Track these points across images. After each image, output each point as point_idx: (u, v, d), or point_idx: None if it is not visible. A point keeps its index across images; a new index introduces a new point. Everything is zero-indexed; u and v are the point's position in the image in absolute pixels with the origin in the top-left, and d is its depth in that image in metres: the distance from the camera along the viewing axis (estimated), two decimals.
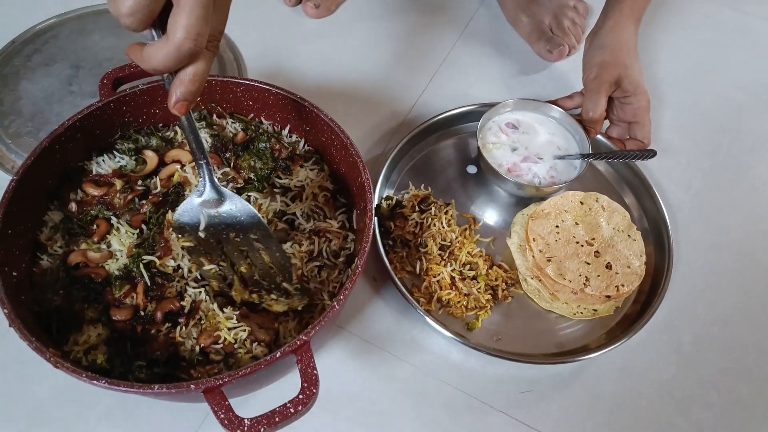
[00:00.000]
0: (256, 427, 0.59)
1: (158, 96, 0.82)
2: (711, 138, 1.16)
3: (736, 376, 0.89)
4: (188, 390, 0.59)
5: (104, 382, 0.59)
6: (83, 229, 0.76)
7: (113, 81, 0.81)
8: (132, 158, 0.81)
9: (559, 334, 0.88)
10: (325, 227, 0.80)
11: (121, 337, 0.70)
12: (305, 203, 0.82)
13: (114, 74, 0.81)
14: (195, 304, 0.72)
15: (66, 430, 0.77)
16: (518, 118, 1.05)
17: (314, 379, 0.62)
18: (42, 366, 0.79)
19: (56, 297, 0.71)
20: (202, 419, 0.78)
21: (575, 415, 0.83)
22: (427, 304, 0.87)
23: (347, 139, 0.79)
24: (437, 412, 0.82)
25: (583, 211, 0.94)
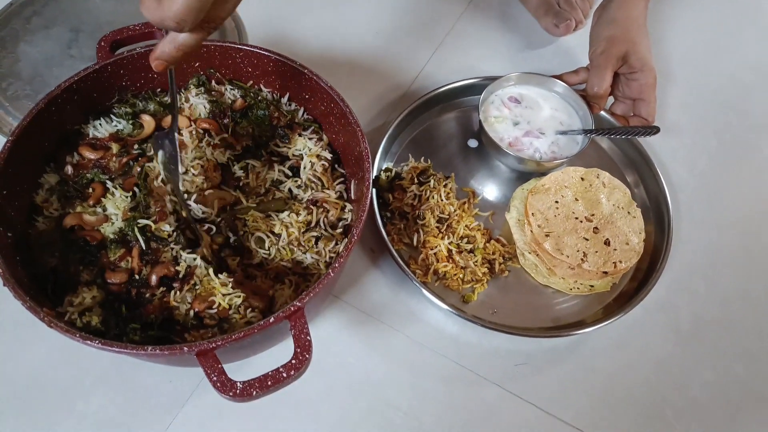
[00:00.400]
0: (249, 390, 0.59)
1: None
2: (718, 118, 1.14)
3: (733, 355, 0.89)
4: (181, 352, 0.59)
5: (98, 343, 0.59)
6: (79, 192, 0.76)
7: (111, 44, 0.80)
8: (129, 122, 0.80)
9: (555, 308, 0.88)
10: (323, 197, 0.80)
11: (116, 300, 0.70)
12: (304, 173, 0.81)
13: (112, 37, 0.80)
14: (190, 270, 0.72)
15: (61, 392, 0.77)
16: (521, 92, 1.04)
17: (307, 345, 0.62)
18: (38, 328, 0.79)
19: (52, 259, 0.71)
20: (197, 383, 0.79)
21: (570, 389, 0.83)
22: (424, 276, 0.86)
23: (346, 108, 0.78)
24: (432, 383, 0.82)
25: (584, 187, 0.93)
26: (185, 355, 0.60)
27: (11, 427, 0.75)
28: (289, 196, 0.81)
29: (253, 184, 0.81)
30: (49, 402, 0.76)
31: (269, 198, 0.80)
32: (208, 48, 0.82)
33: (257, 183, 0.81)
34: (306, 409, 0.79)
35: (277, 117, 0.84)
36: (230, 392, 0.59)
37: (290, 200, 0.80)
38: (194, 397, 0.78)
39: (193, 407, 0.77)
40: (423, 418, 0.79)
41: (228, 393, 0.59)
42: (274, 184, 0.82)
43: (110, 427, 0.75)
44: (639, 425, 0.82)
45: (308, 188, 0.81)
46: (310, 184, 0.81)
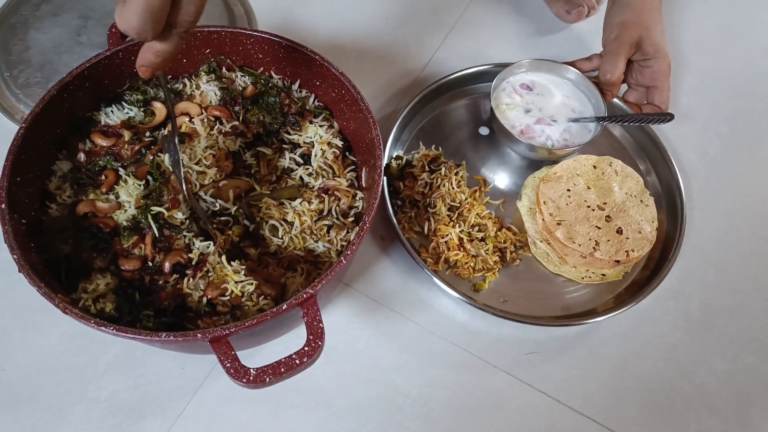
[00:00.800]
0: (262, 377, 0.60)
1: None
2: (731, 103, 1.13)
3: (742, 343, 0.88)
4: (195, 339, 0.60)
5: (112, 329, 0.59)
6: (91, 179, 0.76)
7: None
8: (140, 109, 0.80)
9: (565, 297, 0.88)
10: (334, 185, 0.80)
11: (129, 287, 0.70)
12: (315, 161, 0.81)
13: None
14: (203, 257, 0.72)
15: (74, 377, 0.78)
16: (533, 79, 1.03)
17: (320, 332, 0.62)
18: (51, 314, 0.80)
19: (65, 245, 0.72)
20: (209, 370, 0.79)
21: (578, 377, 0.83)
22: (435, 265, 0.86)
23: (358, 95, 0.77)
24: (441, 370, 0.82)
25: (596, 175, 0.92)
26: (198, 341, 0.60)
27: (24, 411, 0.76)
28: (301, 184, 0.81)
29: (264, 172, 0.81)
30: (62, 387, 0.77)
31: (281, 185, 0.80)
32: (218, 34, 0.82)
33: (268, 171, 0.81)
34: (316, 395, 0.79)
35: (288, 104, 0.84)
36: (243, 379, 0.59)
37: (302, 188, 0.80)
38: (206, 383, 0.79)
39: (205, 393, 0.78)
40: (432, 405, 0.80)
41: (241, 380, 0.59)
42: (285, 172, 0.82)
43: (122, 412, 0.76)
44: (648, 413, 0.82)
45: (319, 176, 0.81)
46: (321, 172, 0.81)
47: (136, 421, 0.76)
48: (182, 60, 0.83)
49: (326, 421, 0.78)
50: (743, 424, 0.83)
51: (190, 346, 0.69)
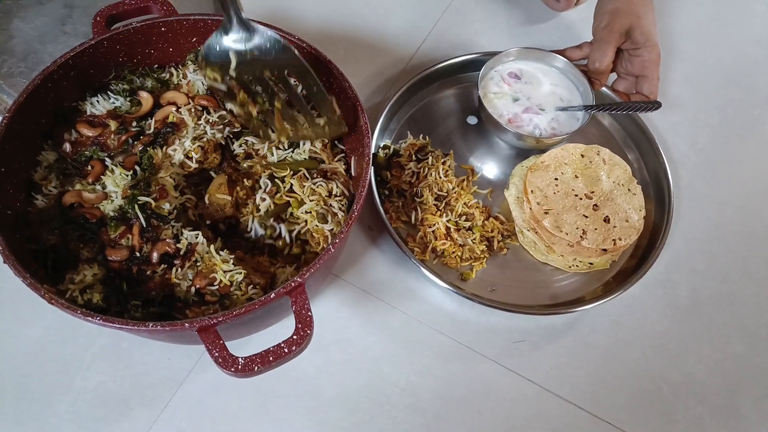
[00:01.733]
0: (250, 366, 0.60)
1: (153, 35, 0.80)
2: (721, 93, 1.12)
3: (731, 330, 0.89)
4: (182, 329, 0.59)
5: (99, 319, 0.59)
6: (78, 169, 0.76)
7: (107, 18, 0.78)
8: (127, 99, 0.79)
9: (553, 286, 0.88)
10: (333, 168, 0.80)
11: (117, 277, 0.70)
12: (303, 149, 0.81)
13: (108, 11, 0.79)
14: (191, 247, 0.72)
15: (61, 369, 0.78)
16: (521, 68, 1.02)
17: (308, 321, 0.62)
18: (37, 305, 0.79)
19: (51, 236, 0.71)
20: (196, 361, 0.79)
21: (567, 365, 0.84)
22: (422, 254, 0.86)
23: (345, 82, 0.77)
24: (429, 359, 0.82)
25: (584, 164, 0.92)
26: (186, 331, 0.60)
27: (10, 402, 0.76)
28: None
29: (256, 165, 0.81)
30: (48, 378, 0.77)
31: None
32: (204, 23, 0.81)
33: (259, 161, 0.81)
34: (304, 385, 0.79)
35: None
36: (232, 368, 0.59)
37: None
38: (193, 374, 0.78)
39: (192, 384, 0.78)
40: (420, 393, 0.80)
41: (230, 368, 0.59)
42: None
43: (109, 403, 0.76)
44: (636, 401, 0.82)
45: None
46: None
47: (123, 412, 0.76)
48: (168, 49, 0.83)
49: (315, 410, 0.78)
50: (731, 411, 0.83)
51: (179, 336, 0.68)
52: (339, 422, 0.77)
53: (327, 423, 0.77)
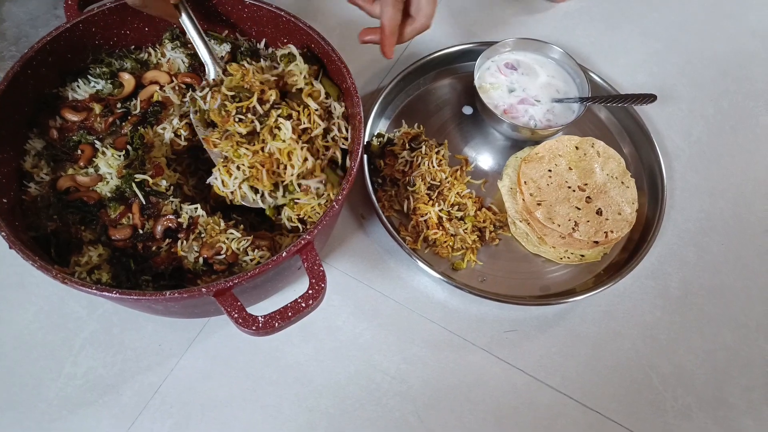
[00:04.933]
0: (271, 323, 0.60)
1: (128, 16, 0.79)
2: (717, 85, 1.12)
3: (721, 321, 0.89)
4: (200, 294, 0.60)
5: (116, 293, 0.59)
6: (68, 155, 0.75)
7: (78, 1, 0.77)
8: (108, 82, 0.79)
9: (545, 277, 0.88)
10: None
11: (124, 255, 0.70)
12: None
13: None
14: (193, 220, 0.72)
15: (50, 354, 0.78)
16: (518, 59, 1.02)
17: (321, 275, 0.63)
18: (26, 291, 0.80)
19: (51, 222, 0.71)
20: (186, 347, 0.79)
21: (557, 355, 0.84)
22: (414, 243, 0.86)
23: (328, 46, 0.77)
24: (420, 347, 0.82)
25: (578, 156, 0.92)
26: (203, 296, 0.60)
27: (0, 388, 0.75)
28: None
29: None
30: (38, 364, 0.77)
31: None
32: None
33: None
34: (294, 372, 0.79)
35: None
36: (253, 326, 0.60)
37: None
38: (183, 360, 0.78)
39: (182, 370, 0.78)
40: (410, 381, 0.80)
41: (251, 327, 0.60)
42: None
43: (99, 388, 0.76)
44: (625, 390, 0.83)
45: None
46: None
47: (113, 397, 0.76)
48: (144, 28, 0.82)
49: (305, 397, 0.78)
50: (719, 401, 0.84)
51: (195, 304, 0.68)
52: (329, 409, 0.78)
53: (316, 409, 0.77)
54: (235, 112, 0.74)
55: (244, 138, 0.73)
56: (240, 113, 0.74)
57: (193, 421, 0.75)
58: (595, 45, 1.14)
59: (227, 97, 0.74)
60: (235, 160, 0.73)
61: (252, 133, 0.74)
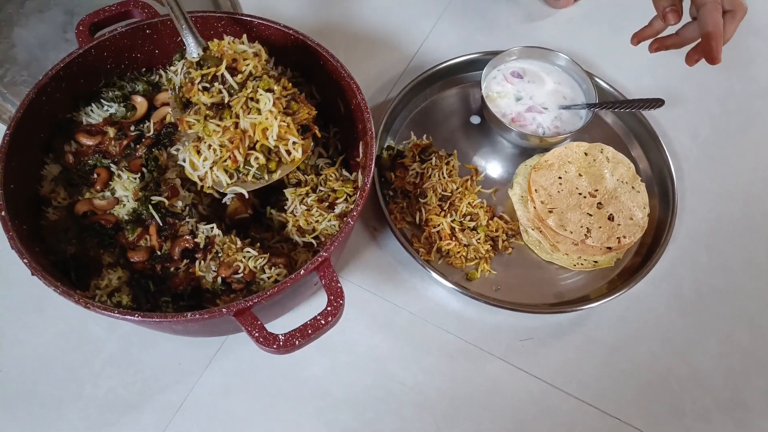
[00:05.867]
0: (291, 341, 0.61)
1: (138, 39, 0.81)
2: (722, 84, 1.13)
3: (736, 323, 0.89)
4: (220, 314, 0.60)
5: (138, 316, 0.60)
6: (84, 179, 0.76)
7: (89, 27, 0.79)
8: (121, 105, 0.80)
9: (559, 284, 0.88)
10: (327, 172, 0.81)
11: (142, 277, 0.71)
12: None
13: (89, 19, 0.79)
14: (209, 240, 0.73)
15: (70, 376, 0.78)
16: (524, 67, 1.02)
17: (339, 292, 0.64)
18: (46, 313, 0.81)
19: (70, 246, 0.72)
20: (206, 364, 0.80)
21: (573, 362, 0.84)
22: (427, 255, 0.87)
23: (337, 62, 0.78)
24: (436, 357, 0.83)
25: (587, 162, 0.93)
26: (224, 316, 0.61)
27: (22, 409, 0.76)
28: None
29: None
30: (59, 386, 0.78)
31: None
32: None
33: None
34: (312, 386, 0.80)
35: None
36: (274, 345, 0.61)
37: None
38: (203, 378, 0.79)
39: (202, 388, 0.78)
40: (428, 392, 0.80)
41: (272, 346, 0.60)
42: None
43: (120, 408, 0.77)
44: (643, 395, 0.83)
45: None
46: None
47: (134, 417, 0.76)
48: (154, 51, 0.83)
49: (324, 411, 0.79)
50: (737, 403, 0.84)
51: (215, 324, 0.69)
52: (349, 422, 0.78)
53: (336, 423, 0.78)
54: (200, 80, 0.68)
55: (212, 111, 0.68)
56: (205, 81, 0.68)
57: None
58: (600, 49, 1.14)
59: (192, 64, 0.70)
60: (206, 139, 0.68)
61: (221, 106, 0.69)
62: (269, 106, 0.68)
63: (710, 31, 0.79)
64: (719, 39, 0.79)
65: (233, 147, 0.67)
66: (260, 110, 0.68)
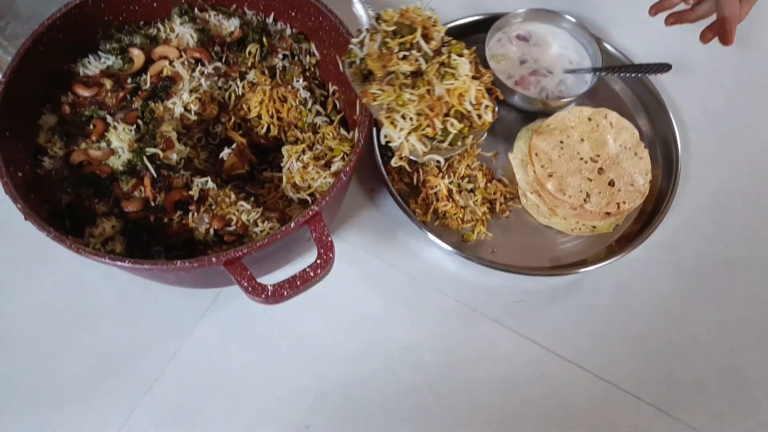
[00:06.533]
0: (280, 291, 0.62)
1: None
2: (736, 56, 1.10)
3: (736, 293, 0.88)
4: (210, 263, 0.61)
5: (128, 262, 0.60)
6: (80, 129, 0.77)
7: None
8: (118, 58, 0.80)
9: (556, 249, 0.88)
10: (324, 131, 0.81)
11: (136, 227, 0.72)
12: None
13: None
14: (203, 192, 0.73)
15: (69, 325, 0.80)
16: (530, 30, 1.00)
17: (329, 245, 0.64)
18: (46, 264, 0.82)
19: (65, 195, 0.73)
20: (201, 315, 0.81)
21: (568, 326, 0.84)
22: (424, 216, 0.86)
23: (335, 18, 0.77)
24: (430, 318, 0.83)
25: (590, 127, 0.91)
26: (213, 266, 0.61)
27: (20, 358, 0.78)
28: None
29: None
30: (57, 335, 0.79)
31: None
32: None
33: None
34: (306, 342, 0.80)
35: (273, 44, 0.84)
36: (262, 295, 0.61)
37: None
38: (197, 328, 0.80)
39: (196, 339, 0.79)
40: (421, 352, 0.81)
41: (260, 295, 0.61)
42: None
43: (116, 357, 0.78)
44: (638, 361, 0.83)
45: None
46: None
47: (130, 366, 0.78)
48: (153, 4, 0.83)
49: (317, 366, 0.79)
50: (733, 372, 0.83)
51: (206, 274, 0.70)
52: (340, 377, 0.79)
53: (328, 378, 0.79)
54: (398, 49, 0.68)
55: (408, 80, 0.69)
56: (404, 50, 0.69)
57: (208, 388, 0.77)
58: (611, 15, 1.11)
59: (388, 33, 0.70)
60: (399, 109, 0.68)
61: (415, 75, 0.69)
62: (467, 71, 0.68)
63: (726, 16, 0.82)
64: (734, 23, 0.83)
65: (434, 114, 0.68)
66: (454, 75, 0.68)
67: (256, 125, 0.83)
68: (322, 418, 0.77)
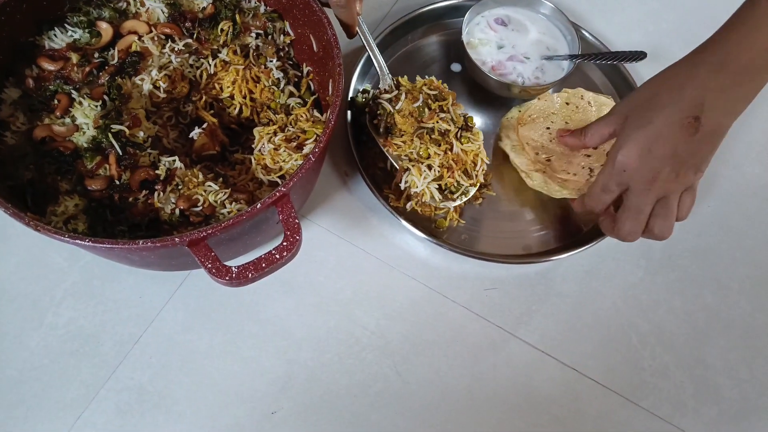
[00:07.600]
0: (244, 273, 0.61)
1: None
2: None
3: (704, 283, 0.89)
4: (173, 243, 0.59)
5: (88, 241, 0.59)
6: (44, 104, 0.74)
7: None
8: (86, 31, 0.77)
9: (528, 237, 0.88)
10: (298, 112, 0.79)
11: (100, 206, 0.70)
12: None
13: None
14: (170, 172, 0.72)
15: (32, 305, 0.78)
16: (508, 14, 0.99)
17: (296, 227, 0.63)
18: (8, 242, 0.80)
19: (27, 171, 0.71)
20: (167, 299, 0.80)
21: (537, 314, 0.84)
22: (396, 201, 0.86)
23: None
24: (400, 304, 0.83)
25: (570, 110, 0.91)
26: (177, 247, 0.60)
27: None
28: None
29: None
30: (20, 314, 0.78)
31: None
32: None
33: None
34: (275, 325, 0.80)
35: (246, 23, 0.82)
36: (226, 277, 0.60)
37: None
38: (164, 312, 0.79)
39: (162, 322, 0.79)
40: (390, 336, 0.81)
41: (224, 277, 0.60)
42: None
43: (80, 338, 0.77)
44: (603, 348, 0.83)
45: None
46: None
47: (93, 347, 0.77)
48: None
49: (285, 350, 0.79)
50: (697, 360, 0.84)
51: (170, 254, 0.68)
52: (308, 362, 0.78)
53: (296, 362, 0.78)
54: (439, 110, 0.81)
55: (439, 137, 0.80)
56: (442, 111, 0.81)
57: (173, 371, 0.76)
58: (590, 2, 1.11)
59: (429, 96, 0.82)
60: (424, 160, 0.80)
61: (431, 132, 0.81)
62: (482, 139, 0.83)
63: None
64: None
65: (457, 168, 0.80)
66: (470, 139, 0.82)
67: (228, 105, 0.82)
68: (289, 403, 0.76)
